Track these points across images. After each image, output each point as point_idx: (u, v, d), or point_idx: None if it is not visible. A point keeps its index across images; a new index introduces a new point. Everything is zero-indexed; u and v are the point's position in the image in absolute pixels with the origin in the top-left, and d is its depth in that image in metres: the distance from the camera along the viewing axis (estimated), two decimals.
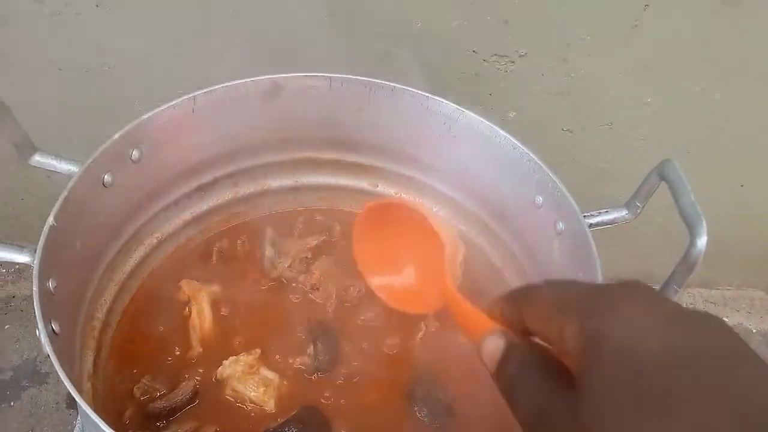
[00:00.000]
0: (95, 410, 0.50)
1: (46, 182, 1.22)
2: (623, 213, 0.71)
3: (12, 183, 1.23)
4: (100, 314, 0.75)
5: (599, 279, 0.66)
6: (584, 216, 0.71)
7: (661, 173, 0.65)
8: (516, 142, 0.77)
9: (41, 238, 0.59)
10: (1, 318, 1.27)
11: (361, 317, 0.81)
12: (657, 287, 0.64)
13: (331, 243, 0.89)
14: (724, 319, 1.43)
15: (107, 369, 0.74)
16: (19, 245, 0.58)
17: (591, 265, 0.67)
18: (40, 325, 0.53)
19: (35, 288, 0.56)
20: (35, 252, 0.58)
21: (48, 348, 0.52)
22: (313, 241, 0.88)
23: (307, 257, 0.86)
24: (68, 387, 0.49)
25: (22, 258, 0.58)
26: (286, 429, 0.69)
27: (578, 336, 0.36)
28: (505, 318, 0.44)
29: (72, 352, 0.63)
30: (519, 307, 0.43)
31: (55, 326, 0.57)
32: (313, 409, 0.72)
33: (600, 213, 0.72)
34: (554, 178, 0.74)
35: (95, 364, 0.72)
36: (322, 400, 0.73)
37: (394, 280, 0.79)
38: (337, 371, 0.76)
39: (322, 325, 0.79)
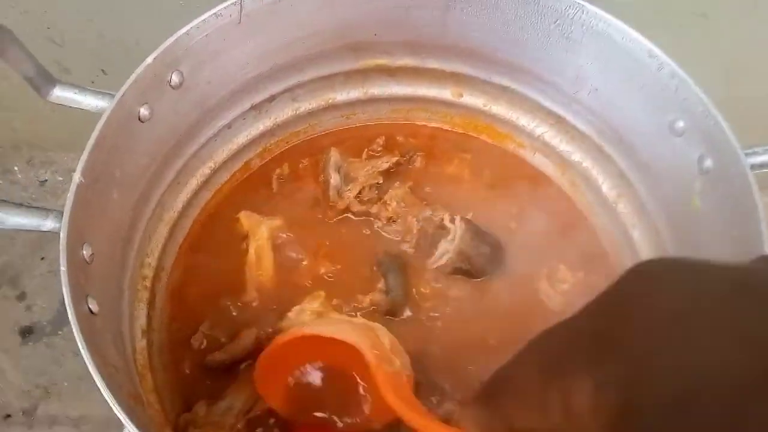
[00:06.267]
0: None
1: None
2: None
3: None
4: (152, 260, 0.67)
5: (764, 241, 0.51)
6: (745, 153, 0.54)
7: None
8: (655, 49, 0.59)
9: (68, 200, 0.48)
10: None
11: None
12: None
13: (406, 165, 0.77)
14: None
15: (162, 318, 0.67)
16: (44, 209, 0.48)
17: (751, 222, 0.52)
18: (70, 310, 0.44)
19: (63, 261, 0.46)
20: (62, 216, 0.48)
21: (79, 338, 0.43)
22: (384, 164, 0.76)
23: (378, 183, 0.75)
24: (110, 402, 0.41)
25: (49, 224, 0.48)
26: None
27: (596, 402, 0.24)
28: (484, 427, 0.33)
29: (116, 328, 0.55)
30: (499, 404, 0.32)
31: (92, 304, 0.48)
32: None
33: (767, 150, 0.54)
34: (705, 99, 0.57)
35: (149, 316, 0.65)
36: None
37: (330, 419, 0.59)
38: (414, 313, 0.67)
39: (391, 255, 0.70)
